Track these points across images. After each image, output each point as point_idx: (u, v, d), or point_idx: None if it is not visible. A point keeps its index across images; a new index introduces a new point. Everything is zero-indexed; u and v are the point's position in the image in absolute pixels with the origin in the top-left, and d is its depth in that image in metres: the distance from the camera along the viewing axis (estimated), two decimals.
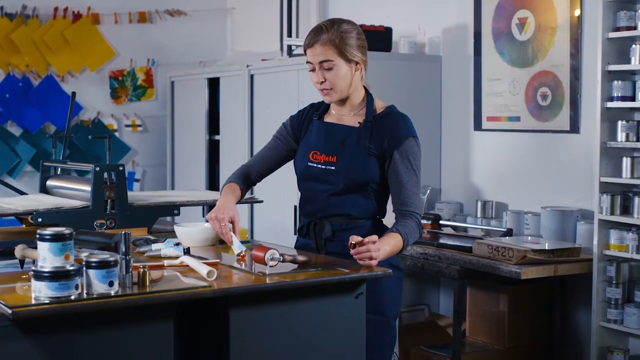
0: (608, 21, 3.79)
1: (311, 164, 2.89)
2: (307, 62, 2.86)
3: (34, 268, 2.15)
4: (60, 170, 3.92)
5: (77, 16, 6.31)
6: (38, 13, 6.19)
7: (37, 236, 2.15)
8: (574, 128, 4.28)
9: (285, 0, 6.06)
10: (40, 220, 3.24)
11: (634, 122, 3.79)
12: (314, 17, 5.95)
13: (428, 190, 4.83)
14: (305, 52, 2.86)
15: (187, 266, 2.61)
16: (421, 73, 4.98)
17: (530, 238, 4.15)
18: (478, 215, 4.63)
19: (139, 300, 2.23)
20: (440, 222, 4.62)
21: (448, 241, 4.25)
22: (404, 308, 4.82)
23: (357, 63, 2.84)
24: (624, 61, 3.80)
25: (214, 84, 6.10)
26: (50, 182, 3.83)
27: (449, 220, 4.69)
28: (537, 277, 3.85)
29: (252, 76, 5.60)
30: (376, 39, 4.79)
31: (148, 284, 2.31)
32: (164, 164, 6.64)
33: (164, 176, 6.66)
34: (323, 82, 2.83)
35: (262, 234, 5.31)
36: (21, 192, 4.09)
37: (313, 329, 2.55)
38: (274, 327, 2.47)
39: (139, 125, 6.63)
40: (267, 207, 4.68)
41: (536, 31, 4.45)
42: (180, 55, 6.73)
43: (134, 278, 2.32)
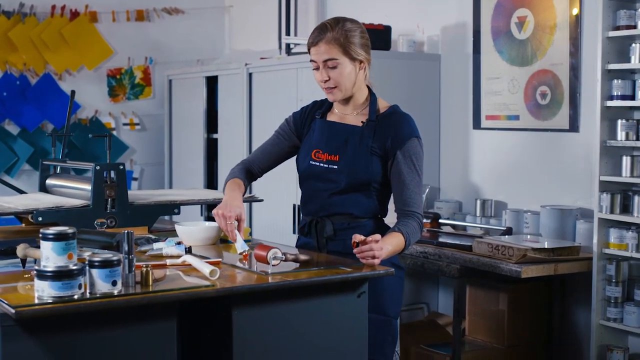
0: (608, 20, 3.79)
1: (313, 163, 2.88)
2: (311, 61, 2.85)
3: (37, 267, 2.14)
4: (59, 169, 3.91)
5: (75, 14, 6.29)
6: (36, 11, 6.18)
7: (40, 235, 2.14)
8: (573, 127, 4.28)
9: None
10: (40, 219, 3.23)
11: (634, 121, 3.79)
12: (313, 16, 5.94)
13: (427, 189, 4.83)
14: (309, 51, 2.85)
15: (190, 265, 2.60)
16: (420, 72, 4.97)
17: (529, 237, 4.15)
18: (477, 214, 4.62)
19: (143, 299, 2.23)
20: (439, 221, 4.62)
21: (448, 240, 4.24)
22: (403, 307, 4.81)
23: (361, 62, 2.83)
24: (624, 60, 3.80)
25: (212, 83, 6.10)
26: (49, 181, 3.82)
27: (448, 219, 4.69)
28: (537, 276, 3.85)
29: (251, 74, 5.60)
30: (375, 38, 4.72)
31: (151, 284, 2.30)
32: (162, 163, 6.63)
33: (162, 175, 6.65)
34: (327, 81, 2.82)
35: (261, 233, 5.30)
36: (20, 191, 4.08)
37: (315, 328, 2.55)
38: (276, 326, 2.47)
39: (137, 123, 6.62)
40: (267, 206, 4.67)
41: (535, 30, 4.45)
42: (178, 53, 6.72)
43: (137, 277, 2.31)
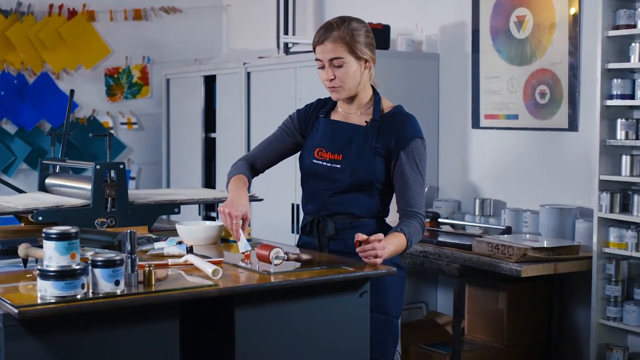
0: (607, 19, 3.79)
1: (316, 162, 2.87)
2: (316, 60, 2.84)
3: (40, 267, 2.13)
4: (58, 168, 3.90)
5: (73, 13, 6.28)
6: (33, 10, 6.16)
7: (43, 235, 2.14)
8: (573, 126, 4.28)
9: None
10: (40, 218, 3.21)
11: (634, 120, 3.80)
12: (311, 15, 5.94)
13: (426, 188, 4.82)
14: (314, 50, 2.84)
15: (191, 265, 2.60)
16: (419, 71, 4.97)
17: (528, 236, 4.15)
18: (476, 213, 4.63)
19: (146, 299, 2.22)
20: (438, 220, 4.61)
21: (447, 239, 4.24)
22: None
23: (367, 61, 2.83)
24: (624, 59, 3.81)
25: (210, 82, 6.09)
26: (49, 180, 3.80)
27: (447, 218, 4.69)
28: (537, 275, 3.85)
29: (249, 74, 5.59)
30: (374, 37, 4.77)
31: (154, 283, 2.30)
32: (160, 162, 6.62)
33: (160, 174, 6.65)
34: (332, 80, 2.81)
35: (260, 233, 5.27)
36: (20, 191, 4.07)
37: (317, 327, 2.54)
38: (278, 326, 2.47)
39: (135, 123, 6.61)
40: (265, 205, 4.65)
41: (534, 29, 4.45)
42: (175, 52, 6.71)
43: (140, 277, 2.31)
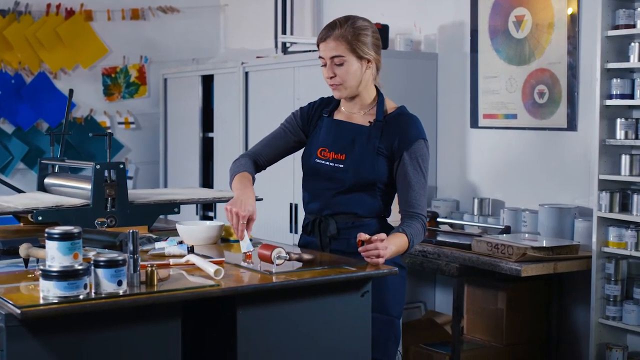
0: (607, 19, 3.80)
1: (319, 161, 2.87)
2: (319, 57, 2.85)
3: (42, 267, 2.13)
4: (57, 168, 3.89)
5: (70, 13, 6.27)
6: (31, 9, 6.16)
7: (46, 235, 2.13)
8: (571, 126, 4.29)
9: None
10: (40, 218, 3.21)
11: (633, 120, 3.80)
12: (309, 14, 5.94)
13: None
14: (318, 47, 2.85)
15: (193, 265, 2.59)
16: (417, 71, 4.97)
17: (527, 235, 4.15)
18: (475, 212, 4.63)
19: (148, 299, 2.22)
20: (437, 220, 4.61)
21: (446, 239, 4.24)
22: None
23: (369, 61, 2.83)
24: (623, 59, 3.81)
25: (208, 81, 6.08)
26: (48, 180, 3.79)
27: (446, 217, 4.69)
28: (536, 275, 3.85)
29: (247, 73, 5.59)
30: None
31: (156, 283, 2.29)
32: (157, 162, 6.61)
33: (157, 174, 6.64)
34: (333, 77, 2.81)
35: (258, 232, 5.27)
36: (19, 190, 4.06)
37: (319, 327, 2.54)
38: (280, 325, 2.46)
39: (132, 122, 6.60)
40: (263, 205, 4.64)
41: (533, 29, 4.45)
42: (173, 52, 6.71)
43: (142, 277, 2.30)
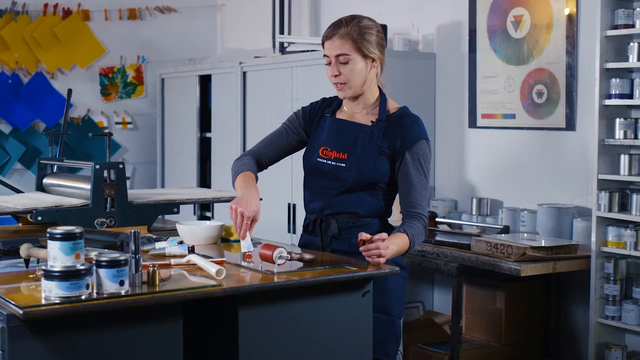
0: (606, 19, 3.80)
1: (320, 160, 2.86)
2: (324, 56, 2.84)
3: (44, 267, 2.12)
4: (56, 168, 3.88)
5: (67, 12, 6.27)
6: (28, 9, 6.15)
7: (48, 235, 2.13)
8: (570, 125, 4.29)
9: None
10: (40, 218, 3.20)
11: (632, 120, 3.81)
12: (307, 14, 5.93)
13: None
14: (323, 45, 2.85)
15: (194, 265, 2.59)
16: (415, 70, 4.97)
17: (526, 235, 4.16)
18: (473, 212, 4.63)
19: (150, 299, 2.21)
20: (435, 220, 4.61)
21: (445, 238, 4.23)
22: None
23: (374, 60, 2.82)
24: (622, 59, 3.82)
25: (205, 81, 6.08)
26: (46, 180, 3.78)
27: (444, 217, 4.69)
28: (535, 274, 3.85)
29: (245, 73, 5.58)
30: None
31: (158, 284, 2.29)
32: (154, 162, 6.60)
33: (154, 174, 6.63)
34: (337, 76, 2.81)
35: (256, 232, 5.27)
36: (17, 191, 4.05)
37: (320, 327, 2.54)
38: (281, 325, 2.46)
39: (129, 122, 6.59)
40: (261, 205, 4.65)
41: (532, 29, 4.45)
42: (170, 52, 6.70)
43: (144, 277, 2.30)
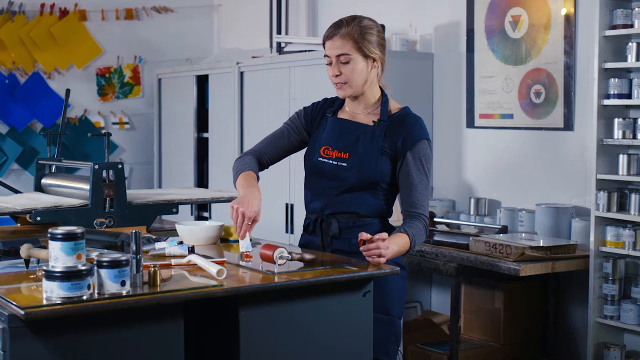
0: (604, 19, 3.81)
1: (322, 159, 2.86)
2: (325, 56, 2.84)
3: (46, 268, 2.12)
4: (54, 168, 3.88)
5: (64, 12, 6.25)
6: (25, 9, 6.14)
7: (49, 235, 2.12)
8: (568, 125, 4.30)
9: None
10: (39, 219, 3.19)
11: (630, 120, 3.81)
12: (304, 14, 5.93)
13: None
14: (323, 45, 2.84)
15: (194, 265, 2.59)
16: (413, 70, 4.97)
17: (524, 235, 4.16)
18: (471, 212, 4.63)
19: (152, 299, 2.21)
20: (434, 220, 4.61)
21: (444, 238, 4.23)
22: None
23: (375, 60, 2.82)
24: (621, 59, 3.82)
25: (202, 82, 6.07)
26: (45, 181, 3.78)
27: (442, 217, 4.69)
28: (534, 274, 3.86)
29: (242, 73, 5.58)
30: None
31: (159, 284, 2.29)
32: (151, 162, 6.60)
33: (151, 174, 6.62)
34: (338, 76, 2.81)
35: (254, 232, 5.27)
36: (16, 191, 4.04)
37: (320, 327, 2.54)
38: (282, 325, 2.46)
39: (126, 122, 6.58)
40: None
41: (530, 29, 4.46)
42: (167, 52, 6.69)
43: (145, 277, 2.29)
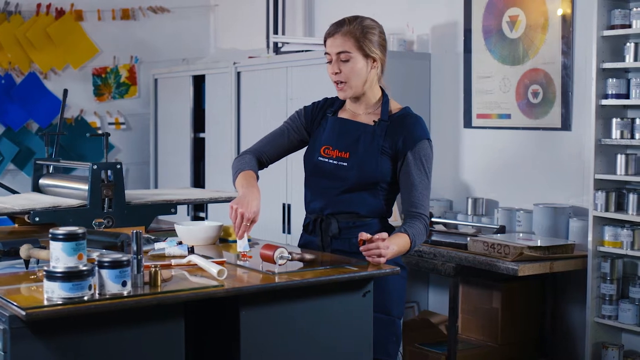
0: (602, 19, 3.81)
1: (322, 159, 2.86)
2: (325, 54, 2.84)
3: (47, 268, 2.11)
4: (52, 168, 3.87)
5: (60, 13, 6.24)
6: (21, 9, 6.12)
7: (50, 236, 2.12)
8: (565, 125, 4.30)
9: None
10: (37, 219, 3.19)
11: (628, 120, 3.82)
12: (301, 14, 5.93)
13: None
14: (324, 44, 2.85)
15: (195, 265, 2.58)
16: (410, 71, 4.97)
17: (522, 235, 4.16)
18: (469, 212, 4.63)
19: (153, 300, 2.20)
20: (432, 220, 4.61)
21: (441, 238, 4.24)
22: None
23: (375, 60, 2.82)
24: (618, 59, 3.83)
25: (199, 82, 6.06)
26: (42, 181, 3.77)
27: (440, 217, 4.69)
28: (532, 274, 3.86)
29: (239, 73, 5.57)
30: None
31: (160, 284, 2.28)
32: (147, 162, 6.59)
33: (147, 174, 6.61)
34: (338, 74, 2.81)
35: (252, 232, 5.27)
36: (13, 191, 4.04)
37: (321, 327, 2.54)
38: (283, 325, 2.46)
39: (122, 123, 6.57)
40: None
41: (527, 29, 4.46)
42: (163, 52, 6.68)
43: (145, 278, 2.29)
